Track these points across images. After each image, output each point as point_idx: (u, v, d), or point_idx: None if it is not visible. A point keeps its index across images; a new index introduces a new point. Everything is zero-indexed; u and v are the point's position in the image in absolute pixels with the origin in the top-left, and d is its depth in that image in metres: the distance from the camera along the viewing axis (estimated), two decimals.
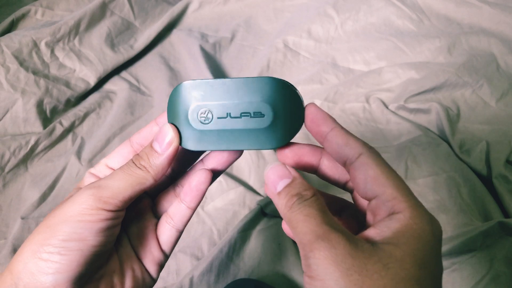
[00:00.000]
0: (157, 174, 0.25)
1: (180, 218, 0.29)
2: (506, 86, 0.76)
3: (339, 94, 0.81)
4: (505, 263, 0.53)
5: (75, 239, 0.23)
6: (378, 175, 0.22)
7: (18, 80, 0.77)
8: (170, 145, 0.25)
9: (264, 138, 0.26)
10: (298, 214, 0.21)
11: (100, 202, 0.24)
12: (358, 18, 0.91)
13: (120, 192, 0.24)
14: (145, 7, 1.00)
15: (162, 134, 0.26)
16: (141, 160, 0.25)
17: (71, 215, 0.23)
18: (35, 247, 0.23)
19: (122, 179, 0.25)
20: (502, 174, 0.62)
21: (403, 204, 0.21)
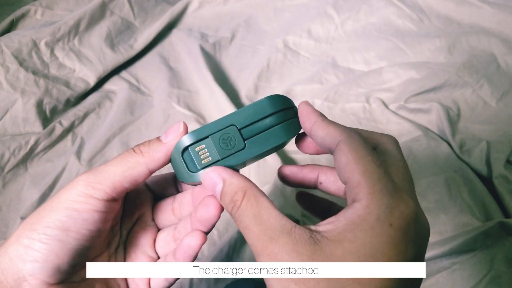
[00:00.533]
0: (151, 161, 0.24)
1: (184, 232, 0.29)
2: (507, 86, 0.76)
3: (339, 94, 0.81)
4: (505, 263, 0.53)
5: (58, 227, 0.22)
6: (349, 161, 0.21)
7: (17, 80, 0.77)
8: (175, 133, 0.25)
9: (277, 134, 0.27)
10: (240, 225, 0.22)
11: (88, 187, 0.23)
12: (358, 18, 0.91)
13: (109, 176, 0.23)
14: (145, 7, 1.00)
15: (172, 127, 0.25)
16: (141, 146, 0.25)
17: (60, 201, 0.23)
18: (20, 231, 0.22)
19: (115, 164, 0.24)
20: (503, 174, 0.61)
21: (364, 191, 0.19)
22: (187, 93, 0.86)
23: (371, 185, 0.19)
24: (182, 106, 0.82)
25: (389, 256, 0.18)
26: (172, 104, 0.82)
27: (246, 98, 0.84)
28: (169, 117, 0.80)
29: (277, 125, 0.27)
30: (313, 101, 0.81)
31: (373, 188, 0.19)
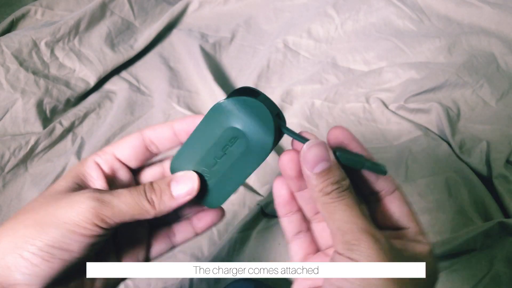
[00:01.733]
0: (160, 212, 0.25)
1: (182, 237, 0.30)
2: (506, 86, 0.76)
3: (339, 94, 0.81)
4: (505, 263, 0.53)
5: (62, 248, 0.23)
6: (410, 212, 0.25)
7: (18, 80, 0.77)
8: (187, 195, 0.25)
9: (256, 151, 0.26)
10: (338, 203, 0.22)
11: (98, 219, 0.23)
12: (358, 18, 0.91)
13: (120, 215, 0.24)
14: (145, 7, 1.00)
15: (184, 180, 0.26)
16: (152, 194, 0.25)
17: (65, 221, 0.23)
18: (19, 242, 0.22)
19: (127, 203, 0.24)
20: (502, 174, 0.61)
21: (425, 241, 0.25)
22: (187, 93, 0.86)
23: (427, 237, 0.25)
24: (182, 106, 0.82)
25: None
26: (172, 104, 0.82)
27: None
28: (169, 117, 0.80)
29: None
30: (313, 101, 0.81)
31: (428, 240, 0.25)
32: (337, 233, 0.22)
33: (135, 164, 0.28)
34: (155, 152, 0.29)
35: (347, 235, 0.22)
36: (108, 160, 0.27)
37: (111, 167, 0.27)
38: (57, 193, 0.25)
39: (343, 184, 0.23)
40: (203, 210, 0.30)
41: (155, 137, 0.28)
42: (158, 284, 0.55)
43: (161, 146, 0.28)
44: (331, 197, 0.23)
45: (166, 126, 0.28)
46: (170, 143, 0.28)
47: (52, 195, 0.25)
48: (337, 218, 0.22)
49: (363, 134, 0.75)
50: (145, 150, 0.28)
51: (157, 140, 0.28)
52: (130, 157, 0.28)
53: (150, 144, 0.28)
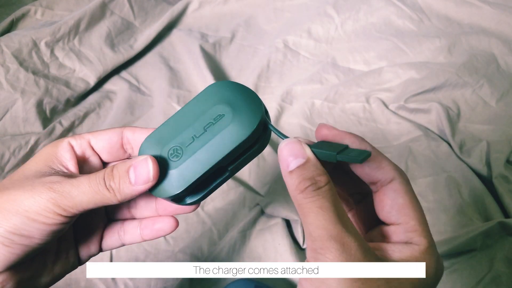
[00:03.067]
0: (123, 199, 0.25)
1: (130, 238, 0.29)
2: (506, 86, 0.76)
3: (339, 94, 0.81)
4: (505, 263, 0.53)
5: (23, 234, 0.23)
6: (406, 205, 0.23)
7: (18, 80, 0.77)
8: (145, 183, 0.24)
9: (236, 131, 0.25)
10: (311, 204, 0.21)
11: (58, 208, 0.23)
12: (358, 18, 0.91)
13: (82, 204, 0.24)
14: (145, 7, 1.00)
15: (141, 166, 0.24)
16: (111, 182, 0.24)
17: (26, 209, 0.23)
18: None
19: (86, 193, 0.24)
20: (502, 174, 0.61)
21: (420, 238, 0.22)
22: (187, 93, 0.86)
23: (427, 235, 0.23)
24: (182, 106, 0.82)
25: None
26: (172, 104, 0.82)
27: None
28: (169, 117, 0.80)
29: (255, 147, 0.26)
30: (313, 101, 0.81)
31: (428, 238, 0.23)
32: (308, 238, 0.21)
33: (106, 157, 0.28)
34: (129, 153, 0.29)
35: (316, 242, 0.21)
36: (82, 145, 0.27)
37: (83, 152, 0.27)
38: (25, 177, 0.25)
39: (319, 180, 0.22)
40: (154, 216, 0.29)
41: (132, 139, 0.28)
42: (158, 284, 0.55)
43: (136, 149, 0.28)
44: (305, 196, 0.21)
45: (146, 131, 0.28)
46: None
47: (19, 180, 0.24)
48: (309, 221, 0.21)
49: (363, 134, 0.75)
50: (119, 147, 0.28)
51: (134, 142, 0.28)
52: (104, 149, 0.28)
53: (126, 143, 0.28)
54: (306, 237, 0.22)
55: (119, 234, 0.30)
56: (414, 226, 0.23)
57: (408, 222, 0.23)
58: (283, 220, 0.60)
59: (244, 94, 0.26)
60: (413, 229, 0.23)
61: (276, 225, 0.60)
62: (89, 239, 0.29)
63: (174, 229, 0.28)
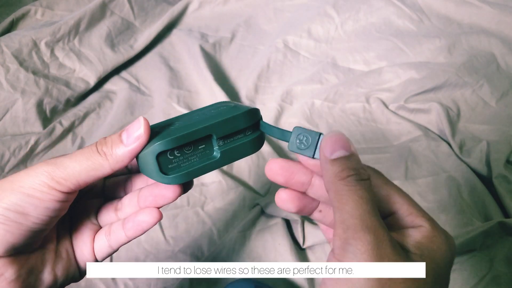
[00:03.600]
0: (115, 164, 0.24)
1: (115, 240, 0.29)
2: (506, 86, 0.76)
3: (339, 94, 0.81)
4: (505, 263, 0.53)
5: (18, 211, 0.23)
6: (392, 194, 0.24)
7: (18, 80, 0.77)
8: (137, 139, 0.24)
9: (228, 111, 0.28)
10: (352, 192, 0.21)
11: (53, 181, 0.23)
12: (358, 18, 0.91)
13: (75, 174, 0.24)
14: (145, 7, 1.00)
15: (133, 126, 0.25)
16: (104, 146, 0.25)
17: (21, 185, 0.23)
18: None
19: (79, 161, 0.24)
20: (502, 174, 0.61)
21: (420, 218, 0.23)
22: (187, 93, 0.86)
23: (423, 213, 0.23)
24: (182, 106, 0.82)
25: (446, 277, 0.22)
26: (172, 104, 0.82)
27: (246, 98, 0.84)
28: (169, 117, 0.80)
29: (248, 139, 0.28)
30: (313, 101, 0.81)
31: (426, 216, 0.23)
32: (339, 226, 0.21)
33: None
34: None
35: (349, 231, 0.20)
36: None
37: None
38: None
39: (362, 173, 0.22)
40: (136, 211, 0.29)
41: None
42: (158, 284, 0.55)
43: None
44: (346, 183, 0.21)
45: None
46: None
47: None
48: (346, 209, 0.21)
49: (363, 134, 0.75)
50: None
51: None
52: None
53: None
54: (337, 225, 0.21)
55: (106, 236, 0.29)
56: (408, 210, 0.23)
57: (400, 209, 0.23)
58: (283, 220, 0.60)
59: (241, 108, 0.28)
60: (409, 213, 0.23)
61: (276, 225, 0.60)
62: (83, 244, 0.29)
63: (157, 220, 0.28)
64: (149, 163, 0.25)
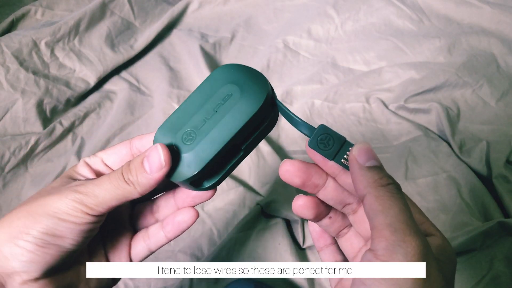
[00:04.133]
0: (143, 190, 0.25)
1: (155, 242, 0.30)
2: (506, 86, 0.76)
3: (339, 94, 0.81)
4: (505, 263, 0.53)
5: (55, 235, 0.24)
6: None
7: (18, 80, 0.77)
8: (159, 169, 0.25)
9: (245, 107, 0.25)
10: (396, 199, 0.22)
11: (85, 207, 0.24)
12: (358, 18, 0.91)
13: (106, 202, 0.25)
14: (145, 7, 1.00)
15: (153, 155, 0.25)
16: (129, 175, 0.25)
17: (55, 211, 0.24)
18: (14, 232, 0.24)
19: (108, 190, 0.25)
20: (502, 174, 0.61)
21: (432, 228, 0.24)
22: (187, 93, 0.86)
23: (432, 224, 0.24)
24: None
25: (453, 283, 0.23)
26: (172, 104, 0.82)
27: None
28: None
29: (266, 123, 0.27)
30: (313, 101, 0.81)
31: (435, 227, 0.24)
32: (386, 228, 0.21)
33: None
34: None
35: (398, 233, 0.21)
36: (96, 163, 0.29)
37: (97, 169, 0.29)
38: (50, 188, 0.26)
39: (397, 184, 0.23)
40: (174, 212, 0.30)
41: (141, 147, 0.29)
42: (158, 284, 0.55)
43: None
44: (388, 190, 0.22)
45: (153, 133, 0.28)
46: None
47: (45, 191, 0.26)
48: (392, 214, 0.21)
49: (363, 134, 0.75)
50: (131, 158, 0.29)
51: (144, 148, 0.29)
52: (116, 163, 0.29)
53: (137, 153, 0.29)
54: (382, 227, 0.21)
55: (145, 241, 0.30)
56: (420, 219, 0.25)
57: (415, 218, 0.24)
58: (283, 220, 0.60)
59: (249, 74, 0.26)
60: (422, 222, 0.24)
61: (276, 225, 0.60)
62: (118, 252, 0.30)
63: (195, 219, 0.29)
64: (182, 185, 0.26)
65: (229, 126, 0.25)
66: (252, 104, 0.25)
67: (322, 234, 0.30)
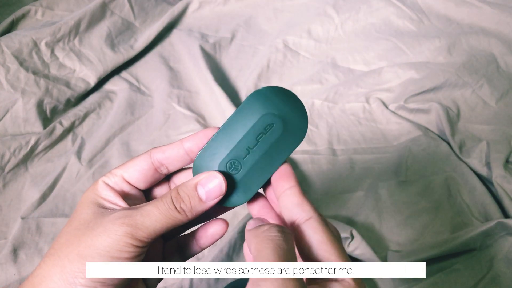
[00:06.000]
0: (193, 217, 0.25)
1: (189, 253, 0.30)
2: (506, 86, 0.76)
3: (339, 94, 0.81)
4: (505, 263, 0.53)
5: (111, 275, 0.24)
6: (324, 241, 0.24)
7: (18, 80, 0.77)
8: (216, 197, 0.25)
9: (289, 138, 0.26)
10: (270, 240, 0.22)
11: (136, 241, 0.24)
12: (358, 18, 0.91)
13: (156, 232, 0.24)
14: (145, 7, 1.00)
15: (211, 182, 0.25)
16: (181, 203, 0.25)
17: (107, 250, 0.24)
18: (69, 277, 0.23)
19: (159, 220, 0.24)
20: (502, 174, 0.61)
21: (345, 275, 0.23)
22: (187, 93, 0.86)
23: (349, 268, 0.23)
24: (182, 106, 0.82)
25: None
26: (172, 104, 0.82)
27: None
28: (169, 117, 0.80)
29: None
30: (313, 101, 0.81)
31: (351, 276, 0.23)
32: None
33: (144, 186, 0.28)
34: (165, 173, 0.29)
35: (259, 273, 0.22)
36: (118, 183, 0.28)
37: (121, 189, 0.28)
38: (88, 222, 0.25)
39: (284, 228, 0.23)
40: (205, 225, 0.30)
41: (164, 159, 0.28)
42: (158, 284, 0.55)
43: (171, 166, 0.28)
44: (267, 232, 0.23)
45: (176, 146, 0.28)
46: (181, 162, 0.28)
47: (83, 225, 0.25)
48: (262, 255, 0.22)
49: (363, 134, 0.75)
50: (154, 172, 0.28)
51: (167, 161, 0.28)
52: (139, 180, 0.28)
53: (159, 166, 0.28)
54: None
55: (178, 253, 0.30)
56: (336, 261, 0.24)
57: (328, 258, 0.24)
58: None
59: (286, 99, 0.27)
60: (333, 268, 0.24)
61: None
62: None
63: (226, 229, 0.29)
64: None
65: (274, 158, 0.26)
66: (295, 136, 0.26)
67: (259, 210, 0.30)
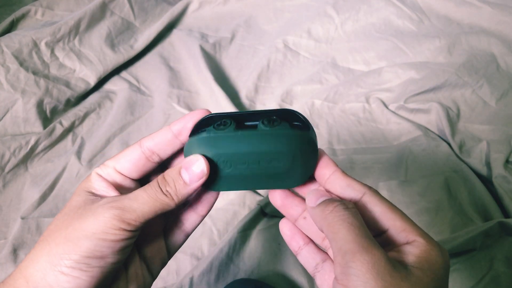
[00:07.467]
0: (180, 201, 0.26)
1: (191, 223, 0.31)
2: (506, 86, 0.76)
3: (339, 94, 0.81)
4: (505, 263, 0.53)
5: (97, 256, 0.24)
6: (385, 211, 0.25)
7: (18, 80, 0.77)
8: (199, 178, 0.26)
9: (281, 181, 0.27)
10: (342, 221, 0.23)
11: (123, 223, 0.24)
12: (358, 18, 0.91)
13: (143, 215, 0.25)
14: (145, 7, 1.00)
15: (193, 165, 0.26)
16: (167, 186, 0.25)
17: (93, 232, 0.24)
18: (54, 259, 0.23)
19: (146, 203, 0.25)
20: (502, 174, 0.61)
21: (414, 233, 0.24)
22: (187, 93, 0.86)
23: (416, 228, 0.24)
24: (182, 106, 0.82)
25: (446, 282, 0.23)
26: (172, 104, 0.82)
27: (246, 98, 0.84)
28: (169, 117, 0.80)
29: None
30: (313, 101, 0.81)
31: (419, 231, 0.24)
32: (338, 254, 0.22)
33: (136, 175, 0.29)
34: (157, 161, 0.29)
35: (347, 255, 0.21)
36: (110, 174, 0.28)
37: (114, 180, 0.28)
38: (77, 208, 0.25)
39: (347, 203, 0.24)
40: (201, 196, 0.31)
41: (154, 146, 0.28)
42: (158, 284, 0.55)
43: (162, 153, 0.28)
44: (335, 214, 0.23)
45: (164, 130, 0.28)
46: (171, 147, 0.28)
47: (73, 211, 0.25)
48: (340, 237, 0.22)
49: (363, 134, 0.75)
50: (145, 161, 0.28)
51: (157, 148, 0.28)
52: (131, 170, 0.28)
53: (150, 155, 0.28)
54: (335, 253, 0.22)
55: (179, 227, 0.31)
56: (401, 226, 0.24)
57: (393, 225, 0.24)
58: None
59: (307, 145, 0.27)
60: (402, 229, 0.24)
61: (276, 225, 0.60)
62: (153, 245, 0.30)
63: (217, 195, 0.31)
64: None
65: (264, 185, 0.27)
66: (293, 181, 0.27)
67: (293, 236, 0.31)
